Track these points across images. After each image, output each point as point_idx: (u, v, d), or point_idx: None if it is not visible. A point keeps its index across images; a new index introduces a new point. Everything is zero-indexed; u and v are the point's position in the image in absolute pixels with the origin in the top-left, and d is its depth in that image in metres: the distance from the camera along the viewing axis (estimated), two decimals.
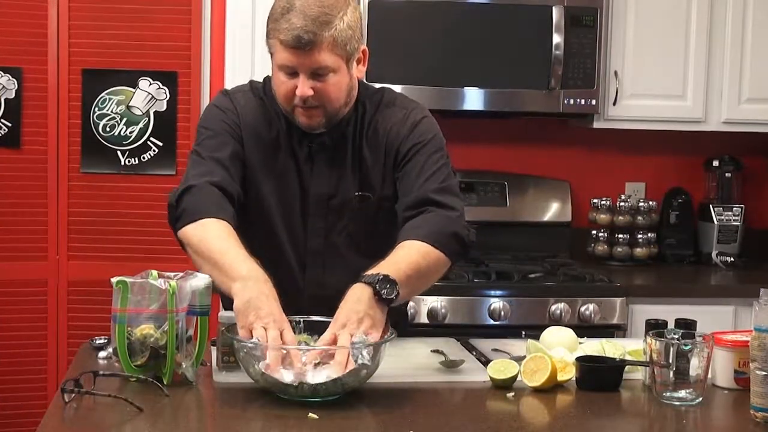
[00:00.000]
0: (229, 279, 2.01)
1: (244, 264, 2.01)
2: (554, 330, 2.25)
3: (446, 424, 1.80)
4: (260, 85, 2.35)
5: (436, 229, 2.15)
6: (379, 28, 3.48)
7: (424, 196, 2.22)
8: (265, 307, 1.92)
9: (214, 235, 2.09)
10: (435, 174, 2.25)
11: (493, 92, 3.59)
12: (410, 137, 2.28)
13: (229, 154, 2.25)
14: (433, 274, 2.15)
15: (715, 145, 4.06)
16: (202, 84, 3.64)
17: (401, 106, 2.33)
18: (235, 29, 3.56)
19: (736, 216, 4.00)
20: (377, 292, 1.96)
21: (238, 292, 1.96)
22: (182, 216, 2.16)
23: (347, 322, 1.92)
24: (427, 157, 2.26)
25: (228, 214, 2.14)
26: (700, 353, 1.94)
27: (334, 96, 2.19)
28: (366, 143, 2.29)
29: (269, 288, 1.97)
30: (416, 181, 2.24)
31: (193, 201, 2.16)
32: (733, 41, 3.77)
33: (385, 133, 2.29)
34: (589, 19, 3.59)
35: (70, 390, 1.84)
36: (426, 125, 2.31)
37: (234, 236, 2.09)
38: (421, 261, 2.09)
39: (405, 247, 2.11)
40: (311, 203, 2.29)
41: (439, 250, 2.13)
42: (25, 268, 3.64)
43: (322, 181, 2.29)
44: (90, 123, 3.63)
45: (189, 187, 2.18)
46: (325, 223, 2.30)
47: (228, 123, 2.28)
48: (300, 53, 2.13)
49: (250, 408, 1.86)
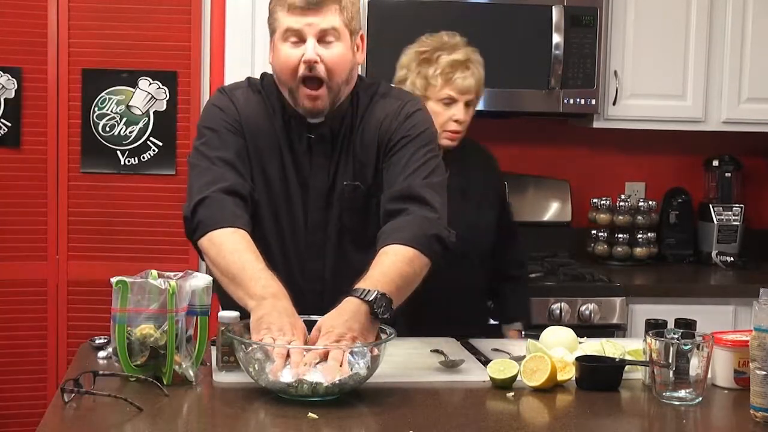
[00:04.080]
0: (245, 295, 2.02)
1: (259, 281, 2.01)
2: (554, 330, 2.25)
3: (446, 424, 1.80)
4: (258, 81, 2.35)
5: (419, 232, 2.13)
6: (379, 28, 3.48)
7: (407, 189, 2.21)
8: (276, 322, 1.93)
9: (231, 248, 2.09)
10: (421, 167, 2.24)
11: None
12: (401, 129, 2.28)
13: (234, 151, 2.25)
14: (418, 279, 2.14)
15: (715, 144, 4.06)
16: (202, 84, 3.64)
17: (396, 98, 2.34)
18: (235, 29, 3.56)
19: (736, 216, 4.00)
20: (374, 311, 1.96)
21: (253, 310, 1.98)
22: (198, 228, 2.16)
23: (341, 340, 1.91)
24: (416, 150, 2.26)
25: (243, 222, 2.15)
26: (700, 353, 1.95)
27: (338, 68, 2.20)
28: (360, 133, 2.30)
29: (283, 305, 1.97)
30: (401, 174, 2.24)
31: (207, 213, 2.15)
32: (733, 41, 3.77)
33: (378, 123, 2.29)
34: (588, 19, 3.60)
35: (69, 390, 1.84)
36: (419, 118, 2.31)
37: (251, 247, 2.09)
38: (408, 269, 2.08)
39: (391, 254, 2.09)
40: (311, 197, 2.29)
41: (423, 254, 2.12)
42: (25, 268, 3.64)
43: (321, 174, 2.29)
44: (90, 123, 3.63)
45: (202, 198, 2.17)
46: (324, 216, 2.30)
47: (229, 121, 2.28)
48: (308, 13, 2.16)
49: (250, 408, 1.86)
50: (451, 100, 2.71)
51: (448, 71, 2.69)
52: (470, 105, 2.75)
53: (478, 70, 2.74)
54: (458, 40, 2.77)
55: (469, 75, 2.71)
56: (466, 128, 2.77)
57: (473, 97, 2.75)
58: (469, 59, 2.73)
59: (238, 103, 2.30)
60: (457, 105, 2.71)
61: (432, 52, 2.72)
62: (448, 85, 2.70)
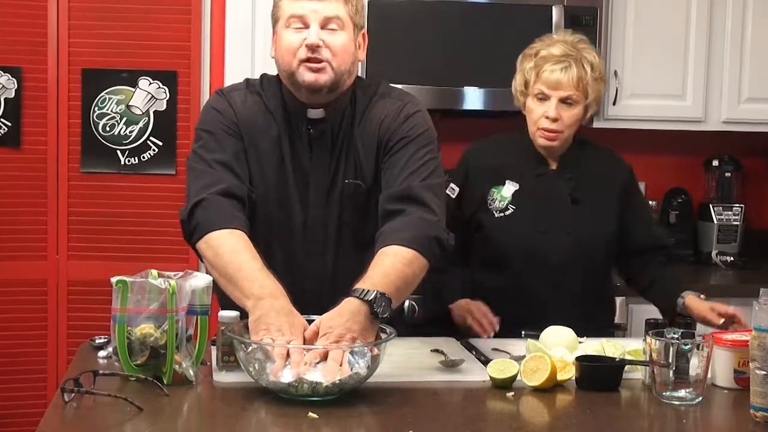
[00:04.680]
0: (243, 296, 2.02)
1: (256, 281, 2.01)
2: (554, 330, 2.25)
3: (446, 424, 1.80)
4: (257, 82, 2.35)
5: (419, 233, 2.13)
6: (379, 28, 3.48)
7: (406, 190, 2.20)
8: (275, 322, 1.93)
9: (228, 249, 2.09)
10: (420, 168, 2.23)
11: (493, 92, 3.59)
12: (401, 129, 2.28)
13: (231, 153, 2.25)
14: (417, 280, 2.13)
15: (715, 144, 4.06)
16: (201, 84, 3.64)
17: (396, 98, 2.33)
18: (235, 29, 3.56)
19: (736, 216, 4.00)
20: (374, 311, 1.95)
21: (251, 310, 1.98)
22: (196, 230, 2.16)
23: (340, 341, 1.92)
24: (415, 151, 2.25)
25: (240, 223, 2.15)
26: (700, 353, 1.95)
27: (341, 53, 2.20)
28: (359, 133, 2.29)
29: (281, 303, 1.97)
30: (400, 174, 2.23)
31: (204, 215, 2.15)
32: (733, 41, 3.77)
33: (378, 123, 2.29)
34: (588, 18, 3.59)
35: (70, 389, 1.84)
36: (418, 119, 2.30)
37: (248, 247, 2.09)
38: (407, 270, 2.08)
39: (390, 254, 2.08)
40: (311, 194, 2.29)
41: (422, 255, 2.11)
42: (25, 267, 3.64)
43: (321, 170, 2.29)
44: (90, 123, 3.63)
45: (199, 201, 2.16)
46: (324, 214, 2.30)
47: (226, 123, 2.28)
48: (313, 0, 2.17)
49: (250, 408, 1.86)
50: (543, 95, 2.60)
51: (540, 64, 2.60)
52: (570, 104, 2.60)
53: (577, 68, 2.58)
54: (564, 38, 2.66)
55: (559, 69, 2.58)
56: (570, 129, 2.63)
57: (570, 94, 2.59)
58: (567, 55, 2.60)
59: (236, 105, 2.30)
60: (549, 101, 2.59)
61: (534, 48, 2.66)
62: (539, 80, 2.60)
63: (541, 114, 2.61)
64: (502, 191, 2.68)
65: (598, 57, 2.66)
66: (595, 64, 2.63)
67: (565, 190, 2.67)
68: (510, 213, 2.65)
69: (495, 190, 2.68)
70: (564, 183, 2.67)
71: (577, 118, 2.63)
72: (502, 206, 2.66)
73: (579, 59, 2.60)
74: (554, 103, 2.59)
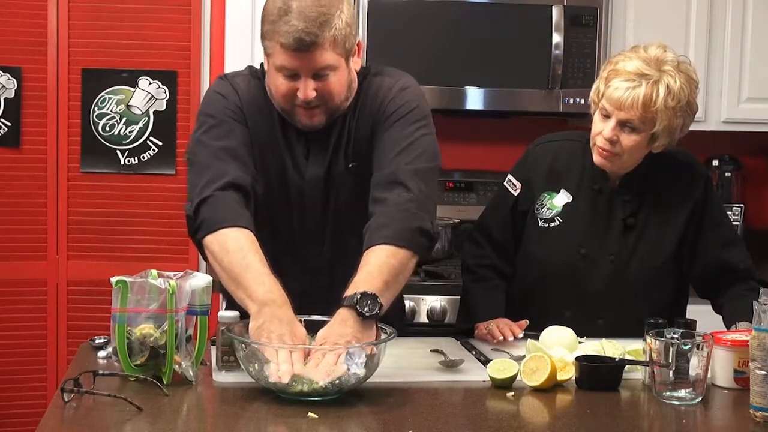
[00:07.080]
0: (247, 297, 2.01)
1: (263, 285, 1.99)
2: (554, 329, 2.25)
3: (446, 424, 1.80)
4: (259, 69, 2.32)
5: (401, 226, 2.10)
6: (379, 28, 3.48)
7: (392, 174, 2.18)
8: (276, 330, 1.92)
9: (235, 247, 2.06)
10: (408, 148, 2.21)
11: (493, 92, 3.59)
12: (392, 104, 2.25)
13: (237, 140, 2.22)
14: (408, 270, 2.12)
15: (715, 144, 4.06)
16: (201, 83, 3.64)
17: (389, 75, 2.32)
18: (234, 29, 3.56)
19: (736, 216, 3.99)
20: (360, 312, 1.95)
21: (253, 315, 1.97)
22: (201, 227, 2.13)
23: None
24: (404, 127, 2.23)
25: (247, 220, 2.12)
26: (700, 353, 1.95)
27: (336, 93, 2.19)
28: (355, 114, 2.28)
29: (283, 312, 1.96)
30: (389, 154, 2.21)
31: (210, 211, 2.12)
32: (733, 41, 3.77)
33: (372, 102, 2.27)
34: (588, 18, 3.59)
35: (69, 389, 1.84)
36: (410, 94, 2.28)
37: (254, 247, 2.07)
38: (393, 262, 2.06)
39: (375, 252, 2.07)
40: (308, 183, 2.28)
41: (408, 250, 2.09)
42: (24, 267, 3.64)
43: (319, 160, 2.28)
44: (90, 122, 3.63)
45: (205, 198, 2.14)
46: (322, 203, 2.30)
47: (231, 108, 2.25)
48: (301, 55, 2.11)
49: (250, 408, 1.86)
50: (605, 112, 2.37)
51: (610, 77, 2.36)
52: (632, 128, 2.35)
53: (647, 90, 2.31)
54: (651, 53, 2.36)
55: (624, 87, 2.32)
56: (630, 155, 2.39)
57: (630, 117, 2.33)
58: (641, 74, 2.32)
59: (240, 90, 2.27)
60: (610, 120, 2.36)
61: (615, 57, 2.42)
62: (605, 94, 2.36)
63: (599, 131, 2.39)
64: (554, 200, 2.51)
65: (688, 83, 2.37)
66: (674, 90, 2.33)
67: (619, 213, 2.47)
68: (554, 226, 2.49)
69: (547, 196, 2.52)
70: (621, 205, 2.47)
71: (639, 146, 2.38)
72: (549, 216, 2.50)
73: (655, 80, 2.32)
74: (612, 123, 2.36)
